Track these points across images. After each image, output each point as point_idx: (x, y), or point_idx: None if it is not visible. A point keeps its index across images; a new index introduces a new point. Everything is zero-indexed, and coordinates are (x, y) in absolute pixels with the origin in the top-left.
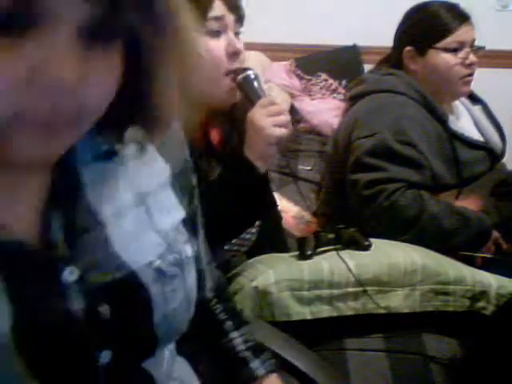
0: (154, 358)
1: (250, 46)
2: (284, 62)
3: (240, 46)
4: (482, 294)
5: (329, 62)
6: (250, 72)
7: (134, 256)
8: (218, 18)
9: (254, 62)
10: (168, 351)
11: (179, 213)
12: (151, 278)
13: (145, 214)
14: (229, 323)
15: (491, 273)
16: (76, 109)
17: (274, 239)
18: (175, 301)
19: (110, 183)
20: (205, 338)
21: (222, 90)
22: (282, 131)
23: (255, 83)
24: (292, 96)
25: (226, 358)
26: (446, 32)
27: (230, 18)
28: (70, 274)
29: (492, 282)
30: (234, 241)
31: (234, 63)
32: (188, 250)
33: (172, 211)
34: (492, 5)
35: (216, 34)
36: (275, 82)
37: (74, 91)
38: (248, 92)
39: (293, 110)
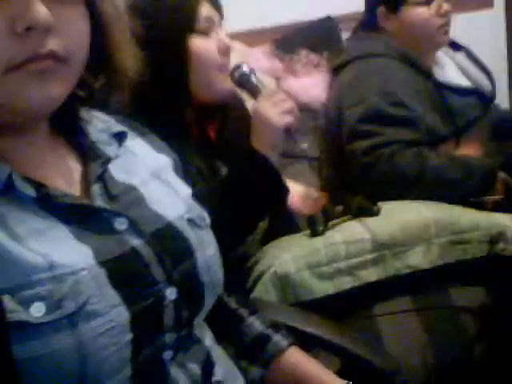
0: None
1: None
2: (262, 47)
3: (229, 41)
4: (500, 236)
5: (307, 37)
6: (244, 67)
7: (167, 211)
8: (207, 19)
9: (236, 51)
10: (208, 338)
11: (187, 188)
12: (186, 227)
13: (163, 184)
14: (243, 310)
15: (505, 213)
16: (60, 48)
17: (285, 222)
18: (210, 248)
19: (127, 160)
20: (223, 327)
21: (218, 86)
22: (289, 118)
23: (252, 77)
24: (277, 78)
25: (250, 339)
26: None
27: (216, 16)
28: (121, 224)
29: (507, 222)
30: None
31: (227, 59)
32: (205, 214)
33: (182, 185)
34: None
35: (206, 33)
36: (257, 67)
37: (53, 30)
38: (248, 87)
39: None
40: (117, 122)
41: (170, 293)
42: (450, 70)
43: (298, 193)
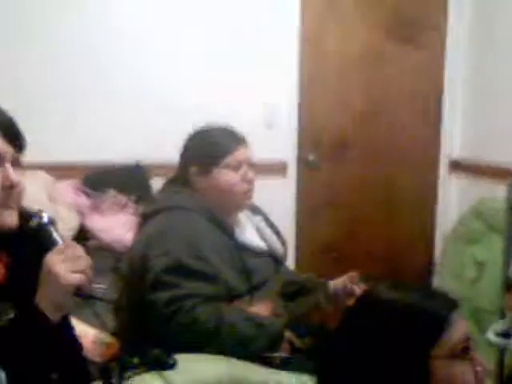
0: None
1: (33, 166)
2: (70, 181)
3: (17, 178)
4: None
5: (116, 178)
6: (44, 217)
7: None
8: None
9: (38, 181)
10: None
11: None
12: None
13: None
14: None
15: (290, 370)
16: None
17: (76, 371)
18: None
19: None
20: None
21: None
22: (79, 278)
23: (51, 228)
24: (81, 214)
25: None
26: (225, 152)
27: (8, 150)
28: None
29: (292, 380)
30: None
31: (11, 194)
32: None
33: None
34: (260, 124)
35: None
36: (62, 200)
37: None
38: (43, 236)
39: (83, 228)
40: None
41: None
42: (248, 231)
43: (91, 337)
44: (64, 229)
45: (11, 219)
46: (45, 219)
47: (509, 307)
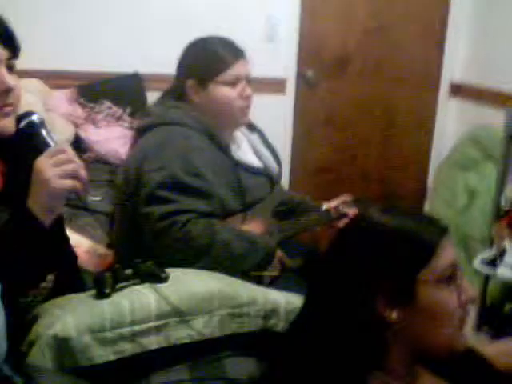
0: None
1: (28, 74)
2: (65, 90)
3: (12, 82)
4: (273, 312)
5: (112, 89)
6: (34, 117)
7: None
8: None
9: (33, 90)
10: None
11: None
12: None
13: None
14: (18, 379)
15: (279, 289)
16: None
17: (70, 279)
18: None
19: None
20: None
21: None
22: (70, 183)
23: (42, 130)
24: (76, 125)
25: None
26: (223, 67)
27: (3, 53)
28: None
29: (280, 298)
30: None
31: (6, 99)
32: None
33: None
34: (260, 37)
35: None
36: (57, 110)
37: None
38: (34, 139)
39: (78, 140)
40: None
41: None
42: (244, 149)
43: (85, 247)
44: (59, 140)
45: (9, 125)
46: (35, 120)
47: (497, 236)
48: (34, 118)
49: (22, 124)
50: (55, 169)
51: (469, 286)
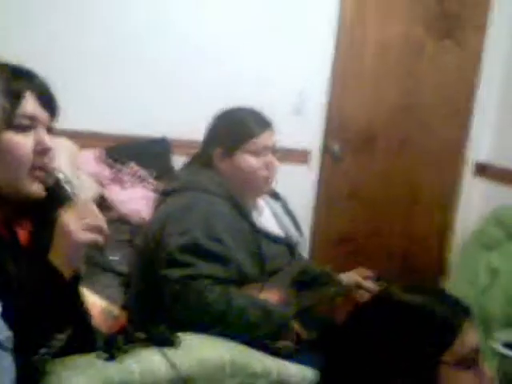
0: None
1: (59, 133)
2: (94, 150)
3: (50, 143)
4: None
5: (138, 151)
6: (60, 175)
7: None
8: (29, 116)
9: (63, 149)
10: None
11: None
12: None
13: None
14: None
15: (293, 361)
16: None
17: (82, 339)
18: (10, 375)
19: None
20: None
21: (26, 185)
22: (92, 236)
23: (66, 186)
24: (102, 184)
25: None
26: (250, 137)
27: (43, 115)
28: None
29: (294, 371)
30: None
31: (42, 160)
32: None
33: None
34: (289, 110)
35: (25, 129)
36: (85, 169)
37: None
38: (59, 194)
39: (102, 199)
40: None
41: None
42: (266, 216)
43: (100, 308)
44: (85, 197)
45: (39, 191)
46: (60, 177)
47: None
48: (60, 175)
49: (50, 180)
50: (79, 222)
51: (488, 371)
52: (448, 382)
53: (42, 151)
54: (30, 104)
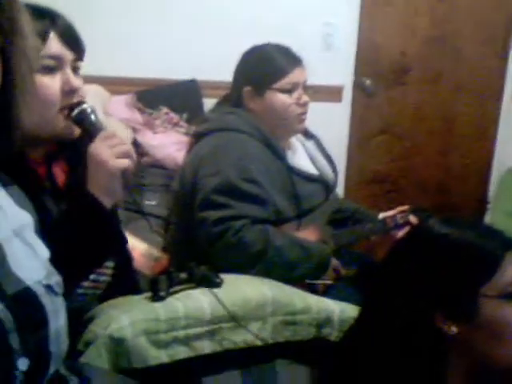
0: None
1: (89, 79)
2: (124, 96)
3: (77, 83)
4: (327, 321)
5: (169, 95)
6: (85, 106)
7: (26, 274)
8: (54, 56)
9: (94, 95)
10: None
11: (46, 251)
12: (43, 293)
13: (24, 245)
14: (73, 378)
15: (333, 298)
16: None
17: (126, 280)
18: (62, 317)
19: None
20: None
21: (57, 126)
22: (125, 162)
23: (92, 116)
24: (134, 130)
25: None
26: (281, 74)
27: (68, 55)
28: None
29: (334, 307)
30: (86, 284)
31: (71, 99)
32: (61, 279)
33: (42, 248)
34: (318, 45)
35: (51, 70)
36: (116, 115)
37: None
38: (85, 126)
39: (135, 144)
40: None
41: (22, 363)
42: (300, 156)
43: (140, 251)
44: None
45: (72, 129)
46: (86, 108)
47: None
48: (85, 106)
49: (75, 113)
50: (110, 150)
51: None
52: (491, 315)
53: (69, 91)
54: (54, 44)
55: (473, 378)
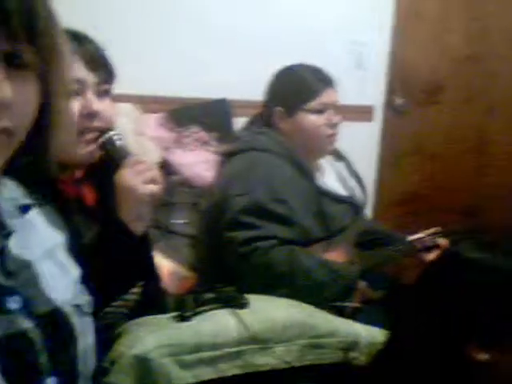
0: None
1: (122, 98)
2: (156, 114)
3: (97, 106)
4: (354, 345)
5: (200, 114)
6: (112, 133)
7: (56, 294)
8: (77, 80)
9: (125, 114)
10: None
11: (77, 270)
12: (72, 313)
13: (56, 264)
14: None
15: (360, 321)
16: (13, 123)
17: (154, 299)
18: (90, 335)
19: (26, 233)
20: None
21: (76, 150)
22: (153, 187)
23: (118, 143)
24: (164, 148)
25: None
26: (312, 95)
27: (91, 79)
28: (14, 303)
29: (362, 331)
30: (115, 302)
31: (91, 123)
32: (90, 300)
33: (72, 267)
34: (348, 64)
35: (73, 94)
36: (147, 134)
37: (10, 106)
38: (112, 153)
39: (165, 163)
40: (24, 192)
41: (51, 383)
42: (330, 177)
43: (168, 269)
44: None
45: (92, 152)
46: (113, 134)
47: None
48: (112, 133)
49: (101, 139)
50: (138, 176)
51: None
52: None
53: (88, 114)
54: (78, 68)
55: None
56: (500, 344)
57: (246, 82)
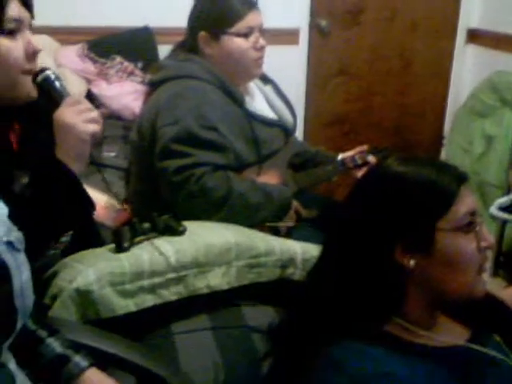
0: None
1: (37, 30)
2: (75, 46)
3: (38, 45)
4: (290, 262)
5: (122, 44)
6: (49, 72)
7: None
8: (16, 18)
9: (43, 46)
10: (12, 362)
11: (4, 207)
12: (4, 250)
13: None
14: (42, 331)
15: (295, 239)
16: None
17: (88, 234)
18: (26, 273)
19: None
20: (22, 349)
21: (19, 90)
22: (94, 127)
23: (57, 83)
24: (88, 81)
25: (49, 361)
26: (236, 18)
27: (26, 16)
28: None
29: (297, 248)
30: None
31: (34, 62)
32: (22, 236)
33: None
34: None
35: (13, 33)
36: (68, 66)
37: None
38: (51, 92)
39: (90, 95)
40: None
41: None
42: (258, 100)
43: (102, 203)
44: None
45: (33, 91)
46: (50, 75)
47: None
48: (49, 72)
49: (38, 79)
50: (79, 116)
51: (487, 233)
52: (447, 247)
53: (32, 53)
54: (14, 6)
55: (430, 308)
56: (424, 249)
57: (169, 8)
